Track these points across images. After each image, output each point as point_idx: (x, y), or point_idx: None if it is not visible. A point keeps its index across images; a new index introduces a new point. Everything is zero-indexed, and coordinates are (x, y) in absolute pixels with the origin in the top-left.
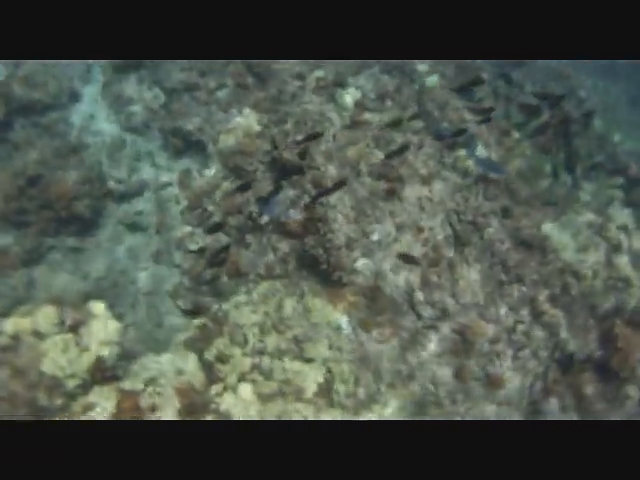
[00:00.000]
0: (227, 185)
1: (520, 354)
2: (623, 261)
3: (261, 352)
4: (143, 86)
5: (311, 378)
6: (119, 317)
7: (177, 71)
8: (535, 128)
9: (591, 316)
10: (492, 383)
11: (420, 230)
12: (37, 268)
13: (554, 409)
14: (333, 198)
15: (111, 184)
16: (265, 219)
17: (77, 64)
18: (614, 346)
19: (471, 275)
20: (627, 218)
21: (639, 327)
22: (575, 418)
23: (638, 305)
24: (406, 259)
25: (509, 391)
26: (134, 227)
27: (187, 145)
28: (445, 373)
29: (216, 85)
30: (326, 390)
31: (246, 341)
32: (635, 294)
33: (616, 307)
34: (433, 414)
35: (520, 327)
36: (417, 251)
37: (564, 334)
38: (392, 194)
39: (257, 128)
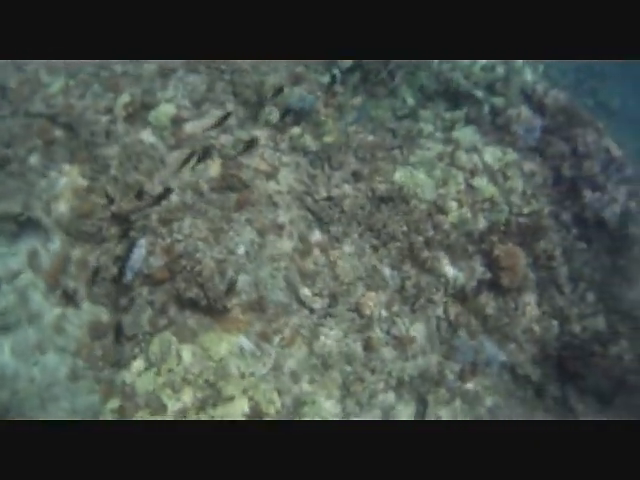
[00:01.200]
0: (77, 253)
1: (417, 306)
2: (483, 182)
3: (182, 411)
4: None
5: (239, 414)
6: None
7: None
8: (360, 78)
9: (469, 244)
10: (402, 342)
11: (281, 227)
12: None
13: (465, 339)
14: (186, 227)
15: None
16: (129, 277)
17: None
18: (499, 266)
19: (345, 251)
20: (473, 137)
21: (514, 238)
22: (486, 340)
23: (508, 217)
24: None
25: (420, 342)
26: (5, 328)
27: (21, 225)
28: (356, 350)
29: (25, 151)
30: (258, 417)
31: (164, 406)
32: (503, 209)
33: (489, 227)
34: (358, 390)
35: (408, 282)
36: (287, 247)
37: (450, 271)
38: (243, 203)
39: (84, 183)
